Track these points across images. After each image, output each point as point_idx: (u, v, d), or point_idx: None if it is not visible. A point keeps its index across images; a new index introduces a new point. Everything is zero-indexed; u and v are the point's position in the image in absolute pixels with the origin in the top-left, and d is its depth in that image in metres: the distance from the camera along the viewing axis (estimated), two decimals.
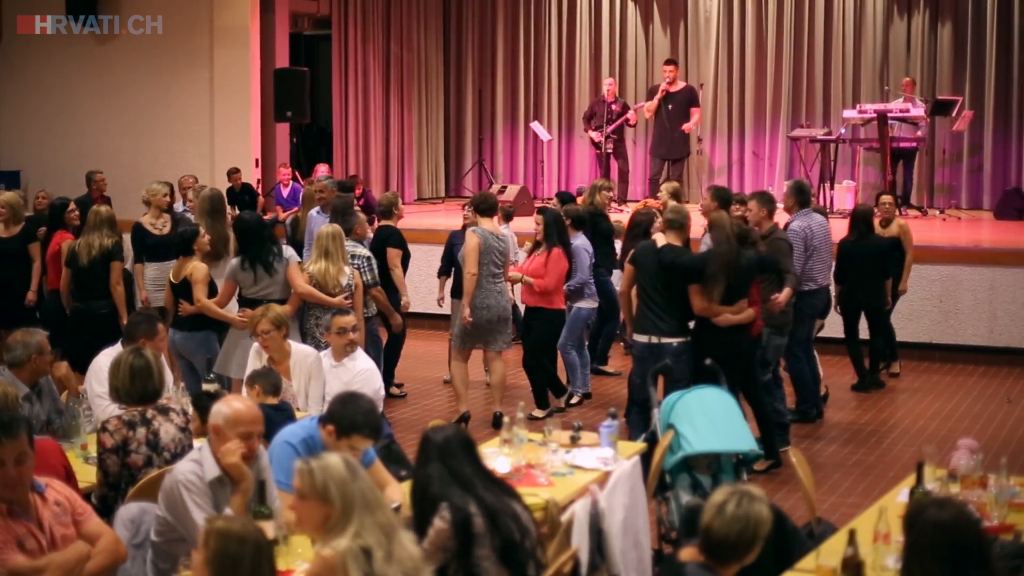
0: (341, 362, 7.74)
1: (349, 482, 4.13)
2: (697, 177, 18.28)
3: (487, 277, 9.60)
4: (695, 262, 8.44)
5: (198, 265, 9.01)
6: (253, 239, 8.95)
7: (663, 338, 8.39)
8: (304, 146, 18.25)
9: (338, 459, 4.22)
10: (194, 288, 8.89)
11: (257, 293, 8.85)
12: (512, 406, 7.17)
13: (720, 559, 4.21)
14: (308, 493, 4.14)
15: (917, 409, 10.62)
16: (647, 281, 8.48)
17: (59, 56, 17.27)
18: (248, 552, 3.85)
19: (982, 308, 12.46)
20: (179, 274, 9.03)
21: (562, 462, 6.24)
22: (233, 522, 3.96)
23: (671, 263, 8.40)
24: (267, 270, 8.84)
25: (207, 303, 8.88)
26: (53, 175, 16.53)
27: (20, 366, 6.50)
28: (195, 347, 9.00)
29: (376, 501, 4.20)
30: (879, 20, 17.82)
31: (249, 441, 5.04)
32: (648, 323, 8.45)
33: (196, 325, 8.95)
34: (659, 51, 18.76)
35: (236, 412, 5.05)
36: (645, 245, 8.75)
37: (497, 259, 9.66)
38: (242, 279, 8.91)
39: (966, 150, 17.51)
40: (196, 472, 5.03)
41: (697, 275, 8.31)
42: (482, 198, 10.03)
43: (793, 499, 7.74)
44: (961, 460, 5.71)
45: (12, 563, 4.50)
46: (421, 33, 19.41)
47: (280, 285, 8.91)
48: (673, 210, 8.87)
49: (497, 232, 9.75)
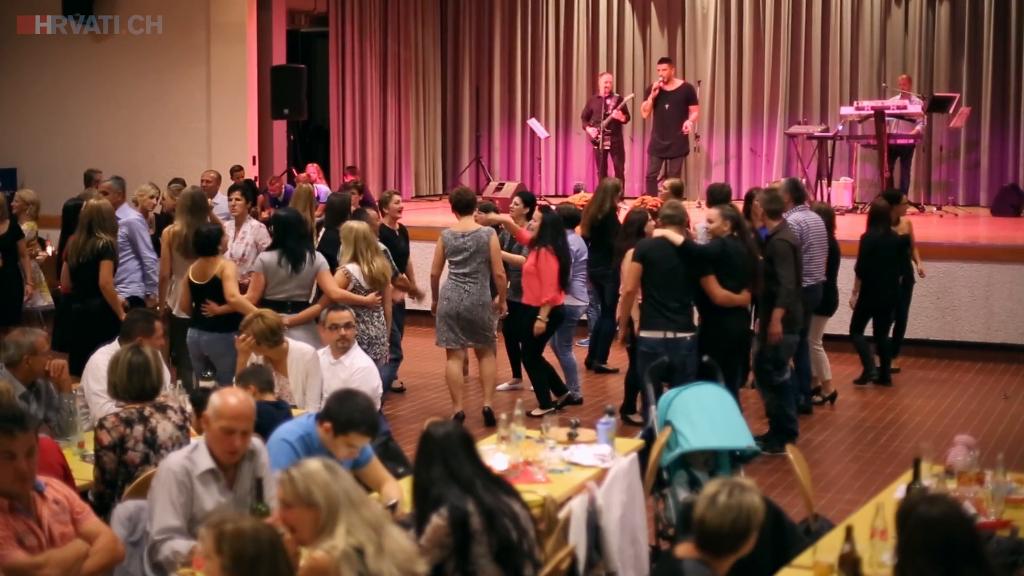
0: (339, 360, 7.74)
1: (331, 483, 4.16)
2: (695, 174, 18.27)
3: (452, 275, 9.64)
4: (714, 251, 8.66)
5: (227, 263, 8.87)
6: (291, 233, 8.87)
7: (679, 333, 8.52)
8: (301, 143, 18.23)
9: (316, 463, 4.25)
10: (226, 284, 8.66)
11: (286, 294, 8.74)
12: (502, 402, 7.18)
13: (715, 551, 4.22)
14: (293, 501, 4.17)
15: (914, 405, 10.63)
16: (660, 277, 8.53)
17: (55, 53, 17.27)
18: (265, 550, 3.81)
19: (979, 305, 12.47)
20: (204, 274, 8.79)
21: (559, 459, 6.26)
22: (243, 521, 3.91)
23: (700, 253, 8.58)
24: (296, 267, 8.76)
25: (242, 300, 8.64)
26: (49, 173, 16.54)
27: (15, 365, 6.49)
28: (223, 348, 8.60)
29: (360, 498, 4.23)
30: (876, 17, 17.82)
31: (230, 437, 5.03)
32: (661, 319, 8.54)
33: (223, 326, 8.65)
34: (656, 49, 18.76)
35: (223, 405, 5.06)
36: (653, 242, 8.77)
37: (466, 259, 9.59)
38: (274, 274, 8.77)
39: (963, 147, 17.51)
40: (184, 465, 5.06)
41: (716, 264, 8.53)
42: (457, 196, 9.96)
43: (790, 495, 7.75)
44: (958, 456, 5.72)
45: (12, 559, 4.51)
46: (418, 30, 19.39)
47: (306, 289, 8.86)
48: (672, 206, 8.91)
49: (466, 231, 9.66)
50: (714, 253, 8.64)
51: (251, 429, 5.13)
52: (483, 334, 9.74)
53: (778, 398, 9.17)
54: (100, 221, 9.45)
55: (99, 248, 9.42)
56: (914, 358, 12.33)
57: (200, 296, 8.81)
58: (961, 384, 11.45)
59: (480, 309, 9.65)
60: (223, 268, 8.78)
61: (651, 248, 8.69)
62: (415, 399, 10.76)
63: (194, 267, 8.94)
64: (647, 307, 8.65)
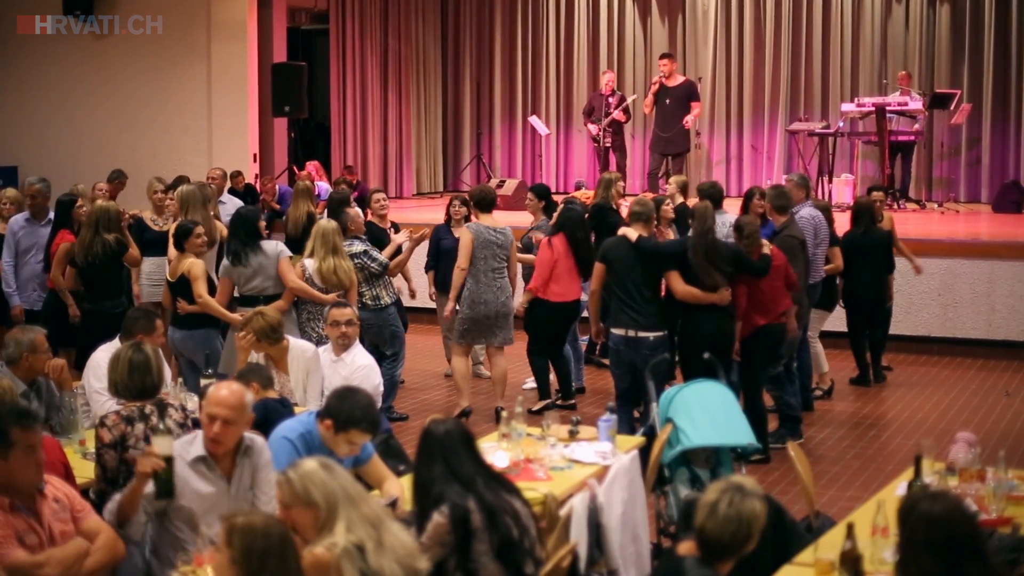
0: (340, 357, 7.74)
1: (328, 481, 4.17)
2: (696, 171, 18.25)
3: (486, 272, 9.61)
4: (674, 247, 8.60)
5: (194, 262, 8.86)
6: (238, 231, 9.00)
7: (640, 332, 8.48)
8: (302, 141, 18.24)
9: (313, 462, 4.27)
10: (194, 285, 8.73)
11: (252, 290, 8.84)
12: (513, 401, 7.17)
13: (716, 558, 4.22)
14: (292, 501, 4.18)
15: (915, 402, 10.62)
16: (622, 275, 8.53)
17: (57, 51, 17.27)
18: (275, 545, 3.82)
19: (980, 301, 12.46)
20: (175, 272, 8.88)
21: (560, 456, 6.25)
22: (254, 516, 3.94)
23: (653, 250, 8.48)
24: (242, 261, 8.86)
25: (209, 301, 8.74)
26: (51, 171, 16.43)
27: (15, 363, 6.48)
28: (195, 345, 8.81)
29: (359, 494, 4.24)
30: (877, 13, 17.81)
31: (212, 424, 5.06)
32: (624, 317, 8.53)
33: (196, 323, 8.82)
34: (657, 45, 18.75)
35: (212, 392, 5.13)
36: (614, 240, 8.77)
37: (498, 254, 9.66)
38: (238, 274, 8.91)
39: (964, 143, 17.51)
40: (179, 452, 5.11)
41: (676, 260, 8.42)
42: (481, 193, 10.03)
43: (792, 493, 7.75)
44: (959, 453, 5.71)
45: (12, 557, 4.52)
46: (419, 27, 19.40)
47: (273, 280, 8.91)
48: (639, 203, 8.95)
49: (496, 226, 9.75)
50: (672, 250, 8.60)
51: (237, 421, 5.10)
52: (507, 331, 9.76)
53: (775, 388, 9.21)
54: (107, 223, 9.46)
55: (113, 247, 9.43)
56: (915, 355, 12.33)
57: (173, 294, 8.92)
58: (962, 381, 11.45)
59: (511, 302, 9.79)
60: (190, 267, 8.80)
61: (611, 247, 8.72)
62: (415, 397, 10.76)
63: (171, 265, 9.04)
64: (613, 304, 8.67)
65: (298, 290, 8.91)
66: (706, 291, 8.41)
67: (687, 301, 8.45)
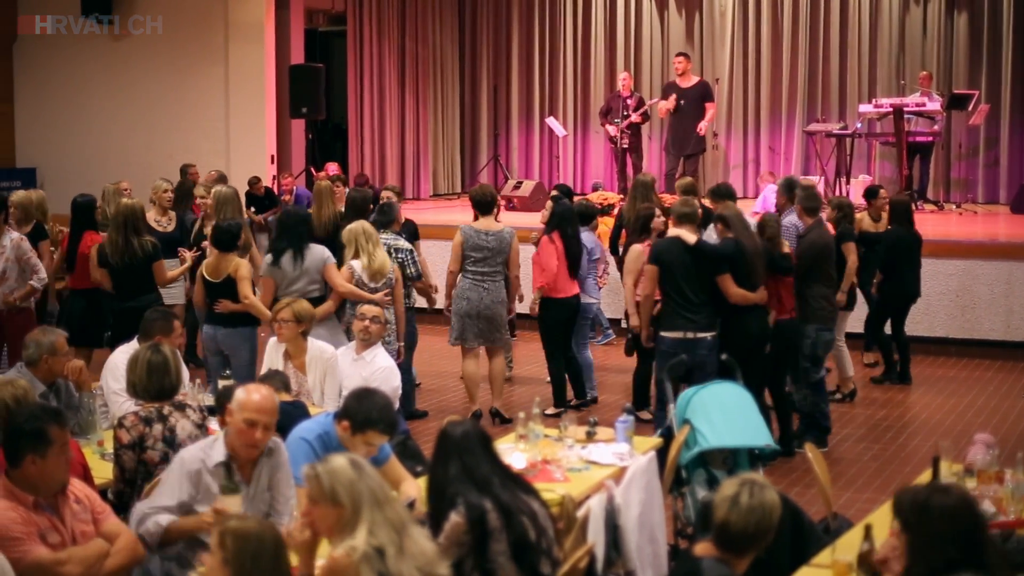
0: (361, 355, 7.76)
1: (356, 481, 4.16)
2: (712, 172, 18.24)
3: (473, 273, 9.60)
4: (728, 250, 8.59)
5: (241, 262, 8.86)
6: (284, 234, 8.96)
7: (698, 333, 8.49)
8: (320, 142, 18.27)
9: (343, 460, 4.24)
10: (240, 285, 8.68)
11: (295, 292, 8.70)
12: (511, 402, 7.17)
13: (738, 551, 4.21)
14: (318, 497, 4.18)
15: (933, 404, 10.59)
16: (678, 278, 8.51)
17: (74, 53, 17.34)
18: (267, 549, 3.85)
19: (999, 303, 12.42)
20: (219, 271, 8.79)
21: (578, 458, 6.25)
22: (247, 521, 3.96)
23: (712, 252, 8.54)
24: (290, 262, 8.83)
25: (255, 301, 8.70)
26: (69, 172, 16.60)
27: (34, 365, 6.50)
28: (240, 342, 8.75)
29: (385, 497, 4.22)
30: (895, 13, 17.76)
31: (252, 429, 5.06)
32: (680, 320, 8.51)
33: (238, 320, 8.74)
34: (674, 46, 18.69)
35: (247, 397, 5.10)
36: (666, 243, 8.75)
37: (488, 257, 9.59)
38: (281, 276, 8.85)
39: (982, 144, 17.44)
40: (200, 458, 5.12)
41: (730, 263, 8.48)
42: (479, 194, 9.95)
43: (809, 494, 7.73)
44: (977, 455, 5.71)
45: (35, 555, 4.55)
46: (436, 29, 19.41)
47: (319, 284, 8.90)
48: (686, 203, 8.86)
49: (490, 229, 9.66)
50: (727, 252, 8.61)
51: (273, 424, 5.15)
52: (499, 332, 9.75)
53: (814, 395, 9.16)
54: (134, 222, 9.45)
55: (149, 250, 9.43)
56: (933, 356, 12.30)
57: (214, 294, 8.83)
58: (981, 382, 11.41)
59: (499, 306, 9.68)
60: (237, 267, 8.78)
61: (665, 249, 8.67)
62: (431, 398, 10.76)
63: (208, 263, 8.97)
64: (666, 308, 8.63)
65: (348, 293, 8.84)
66: (753, 291, 8.53)
67: (739, 303, 8.52)
